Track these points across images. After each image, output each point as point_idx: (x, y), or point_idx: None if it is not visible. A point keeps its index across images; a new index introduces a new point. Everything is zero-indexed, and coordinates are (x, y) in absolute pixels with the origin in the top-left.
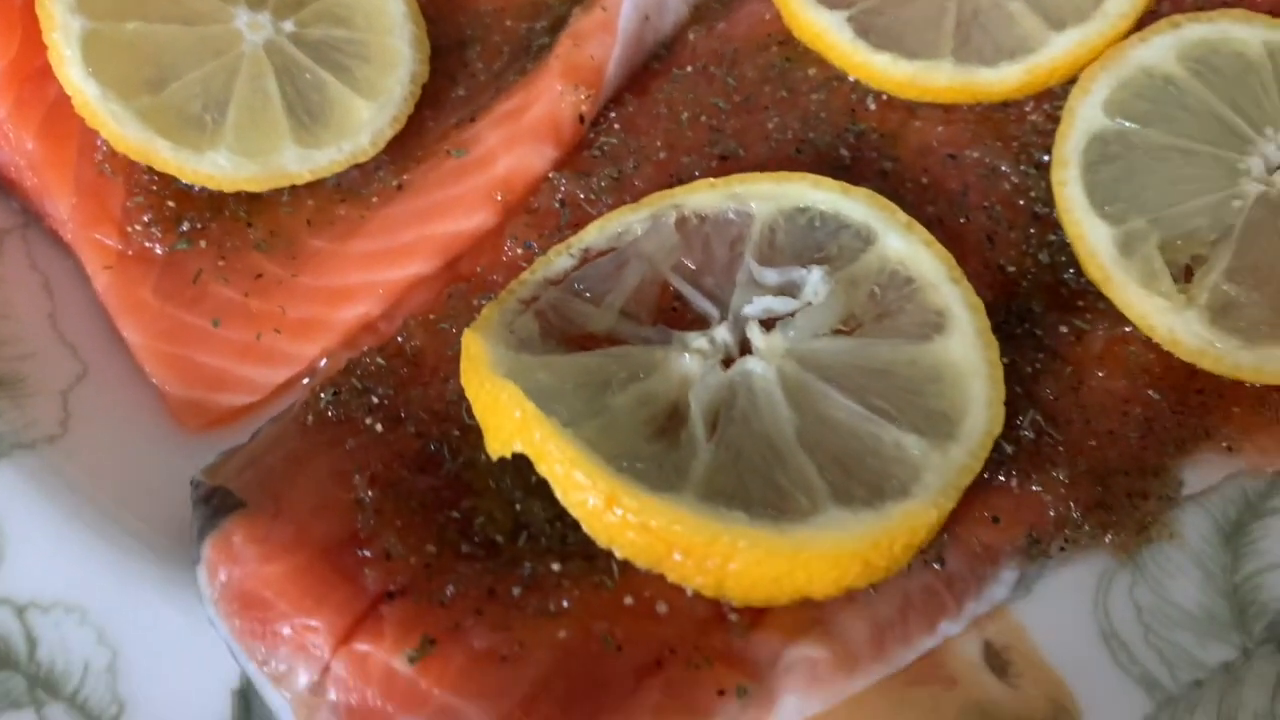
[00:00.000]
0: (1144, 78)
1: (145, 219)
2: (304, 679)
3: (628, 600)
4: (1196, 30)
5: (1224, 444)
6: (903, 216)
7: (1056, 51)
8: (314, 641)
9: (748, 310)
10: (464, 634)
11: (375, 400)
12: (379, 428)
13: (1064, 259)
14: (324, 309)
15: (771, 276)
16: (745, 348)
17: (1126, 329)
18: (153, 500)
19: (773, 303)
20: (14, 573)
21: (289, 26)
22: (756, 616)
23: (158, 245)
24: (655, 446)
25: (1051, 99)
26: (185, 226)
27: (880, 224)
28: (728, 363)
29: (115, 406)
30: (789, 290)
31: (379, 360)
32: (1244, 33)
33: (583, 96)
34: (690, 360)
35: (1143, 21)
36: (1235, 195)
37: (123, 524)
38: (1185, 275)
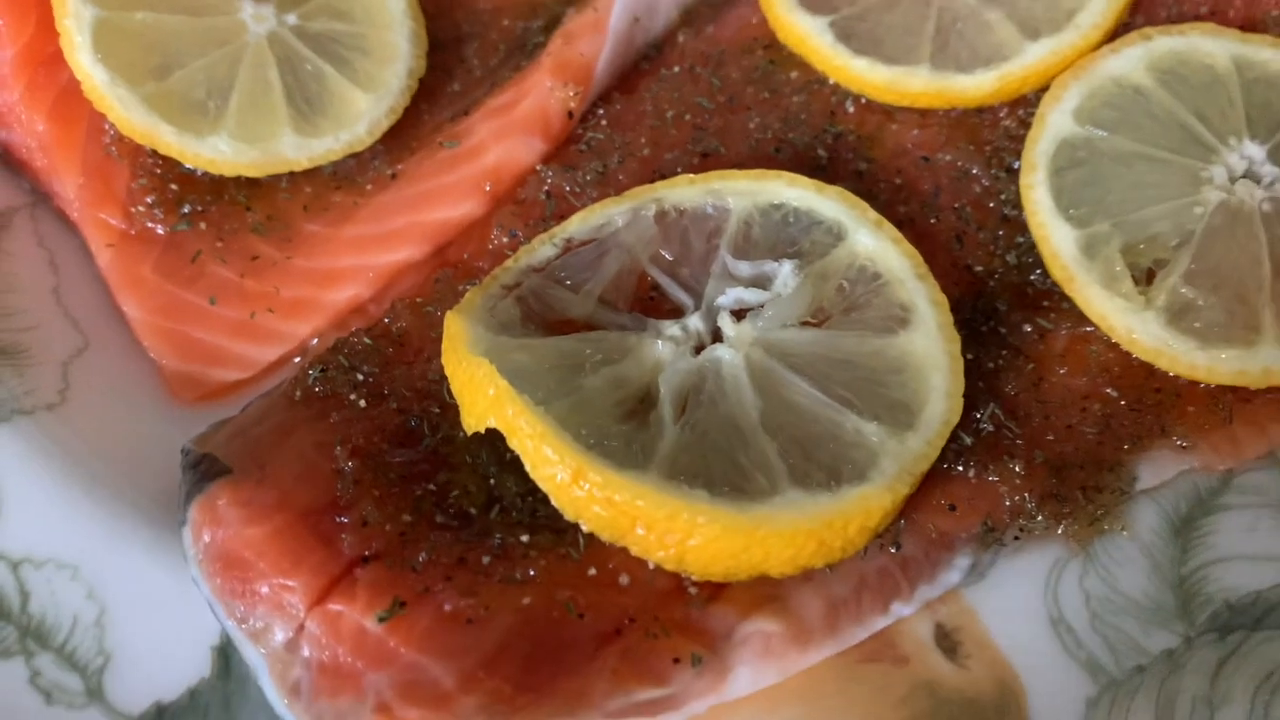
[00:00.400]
0: (1113, 87)
1: (148, 200)
2: (280, 636)
3: (591, 571)
4: (1166, 43)
5: (1178, 441)
6: (873, 214)
7: (1030, 60)
8: (290, 601)
9: (720, 301)
10: (433, 597)
11: (360, 378)
12: (363, 403)
13: (1031, 260)
14: (316, 290)
15: (744, 269)
16: (717, 336)
17: (1088, 329)
18: (144, 468)
19: (744, 294)
20: (10, 530)
21: (292, 19)
22: (715, 590)
23: (159, 225)
24: (625, 426)
25: (1025, 105)
26: (186, 208)
27: (851, 221)
28: (700, 350)
29: (113, 378)
30: (761, 282)
31: (366, 340)
32: (1213, 46)
33: (571, 93)
34: (663, 346)
35: (1115, 33)
36: (1197, 202)
37: (115, 489)
38: (1147, 278)
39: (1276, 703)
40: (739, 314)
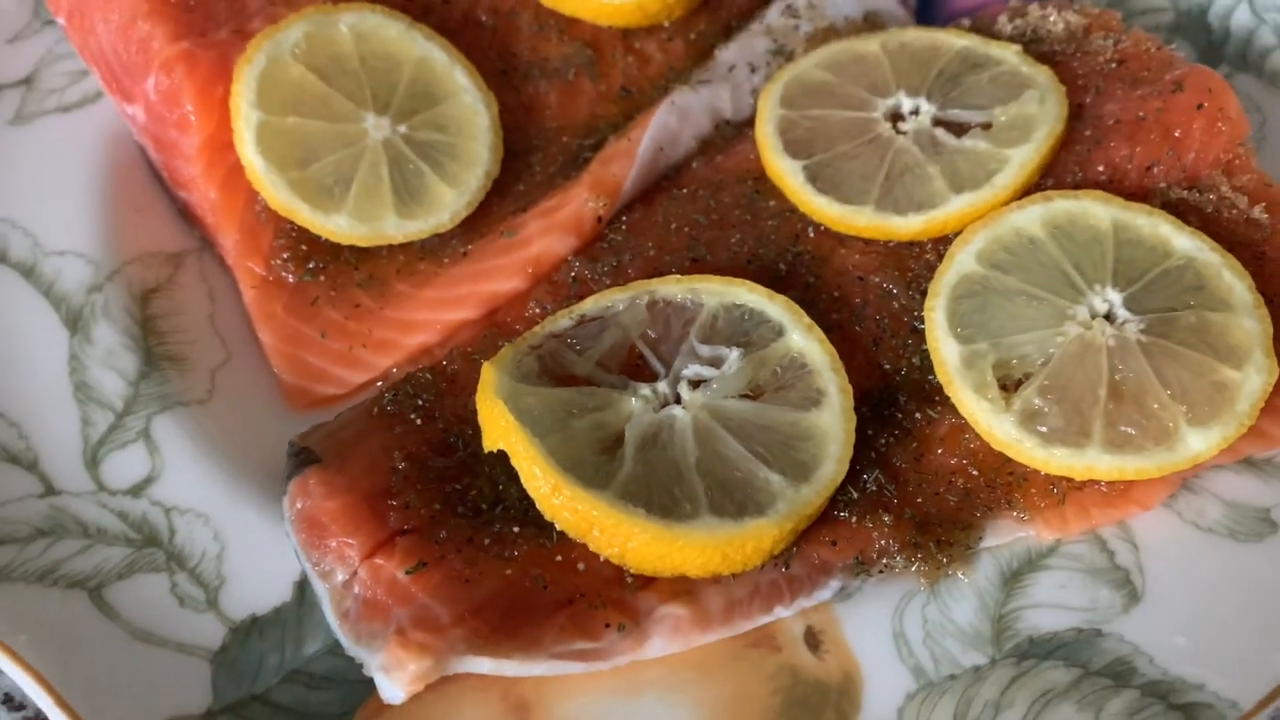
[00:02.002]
0: (1013, 235)
1: (284, 256)
2: (340, 577)
3: (558, 557)
4: (1063, 204)
5: (1019, 515)
6: (806, 320)
7: (952, 209)
8: (349, 554)
9: (684, 372)
10: (445, 562)
11: (420, 403)
12: (419, 422)
13: (929, 364)
14: (398, 335)
15: (705, 350)
16: (679, 399)
17: (962, 421)
18: (261, 451)
19: (702, 370)
20: (167, 486)
21: (402, 129)
22: (646, 581)
23: (290, 275)
24: (598, 458)
25: (945, 243)
26: (311, 264)
27: (789, 323)
28: (663, 407)
29: (246, 385)
30: (716, 362)
31: (427, 375)
32: (1100, 210)
33: (602, 204)
34: (636, 402)
35: (1025, 192)
36: (1060, 333)
37: (239, 464)
38: (1015, 386)
39: (1045, 714)
40: (696, 384)
